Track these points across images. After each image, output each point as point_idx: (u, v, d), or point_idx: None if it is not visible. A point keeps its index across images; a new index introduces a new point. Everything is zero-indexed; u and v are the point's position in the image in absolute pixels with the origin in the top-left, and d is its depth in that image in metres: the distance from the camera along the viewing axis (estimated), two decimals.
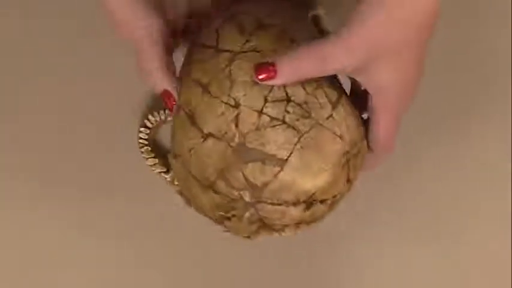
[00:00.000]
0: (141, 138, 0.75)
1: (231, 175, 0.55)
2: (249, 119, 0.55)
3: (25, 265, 0.73)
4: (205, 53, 0.59)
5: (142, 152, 0.74)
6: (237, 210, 0.57)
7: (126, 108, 0.76)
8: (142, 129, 0.74)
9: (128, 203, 0.74)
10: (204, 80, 0.57)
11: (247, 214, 0.57)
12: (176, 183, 0.73)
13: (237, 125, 0.55)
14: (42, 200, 0.74)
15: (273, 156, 0.55)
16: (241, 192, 0.56)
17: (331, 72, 0.55)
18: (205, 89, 0.57)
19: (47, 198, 0.74)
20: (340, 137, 0.56)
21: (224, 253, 0.74)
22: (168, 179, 0.74)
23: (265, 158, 0.55)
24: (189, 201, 0.62)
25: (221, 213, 0.58)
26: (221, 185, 0.56)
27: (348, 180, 0.58)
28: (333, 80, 0.58)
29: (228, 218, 0.58)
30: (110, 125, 0.76)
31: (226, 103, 0.55)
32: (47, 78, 0.77)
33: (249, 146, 0.55)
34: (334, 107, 0.56)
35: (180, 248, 0.74)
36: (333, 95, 0.57)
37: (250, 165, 0.55)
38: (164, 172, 0.74)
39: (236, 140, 0.55)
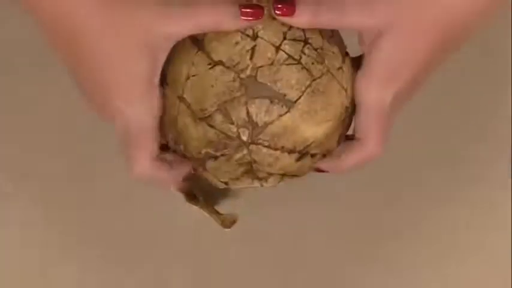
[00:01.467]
0: None
1: (233, 109, 0.53)
2: (265, 52, 0.53)
3: (24, 264, 0.73)
4: None
5: None
6: (229, 149, 0.54)
7: None
8: None
9: (126, 202, 0.74)
10: None
11: (238, 155, 0.54)
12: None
13: (251, 57, 0.53)
14: (42, 200, 0.74)
15: (283, 95, 0.53)
16: (240, 130, 0.53)
17: (345, 27, 0.54)
18: None
19: (46, 197, 0.74)
20: (346, 90, 0.55)
21: (223, 253, 0.73)
22: None
23: (274, 96, 0.53)
24: (165, 136, 0.58)
25: (209, 150, 0.55)
26: (219, 118, 0.54)
27: (338, 141, 0.57)
28: (341, 39, 0.58)
29: (215, 157, 0.55)
30: (109, 125, 0.76)
31: (243, 33, 0.54)
32: (47, 78, 0.77)
33: (260, 80, 0.53)
34: (343, 60, 0.56)
35: (179, 247, 0.73)
36: (343, 49, 0.57)
37: (257, 101, 0.53)
38: None
39: (248, 72, 0.53)
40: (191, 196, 0.73)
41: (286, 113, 0.53)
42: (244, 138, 0.54)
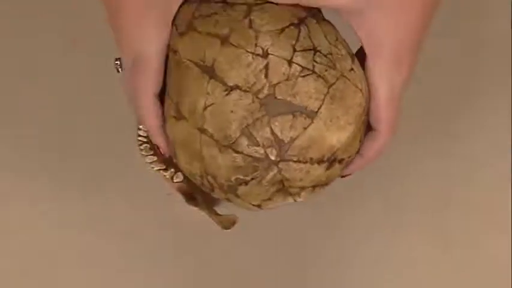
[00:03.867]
0: (139, 135, 0.73)
1: (257, 131, 0.53)
2: (279, 68, 0.53)
3: (25, 264, 0.72)
4: (211, 8, 0.56)
5: (141, 150, 0.73)
6: (259, 171, 0.54)
7: (124, 106, 0.76)
8: (141, 126, 0.73)
9: (126, 200, 0.74)
10: (222, 32, 0.54)
11: (269, 175, 0.54)
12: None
13: (266, 75, 0.52)
14: (42, 200, 0.74)
15: (304, 107, 0.52)
16: (267, 150, 0.53)
17: (327, 6, 0.54)
18: (225, 40, 0.54)
19: (46, 197, 0.74)
20: (361, 91, 0.55)
21: (224, 252, 0.73)
22: (167, 177, 0.72)
23: (296, 110, 0.52)
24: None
25: (239, 176, 0.54)
26: (244, 143, 0.53)
27: (360, 141, 0.57)
28: (345, 40, 0.58)
29: (245, 183, 0.55)
30: (109, 123, 0.76)
31: (253, 53, 0.53)
32: (47, 78, 0.77)
33: (279, 97, 0.52)
34: (353, 61, 0.56)
35: (179, 246, 0.73)
36: (349, 50, 0.56)
37: (279, 118, 0.52)
38: (163, 169, 0.72)
39: (265, 91, 0.52)
40: (190, 197, 0.73)
41: (310, 124, 0.53)
42: (273, 157, 0.53)
